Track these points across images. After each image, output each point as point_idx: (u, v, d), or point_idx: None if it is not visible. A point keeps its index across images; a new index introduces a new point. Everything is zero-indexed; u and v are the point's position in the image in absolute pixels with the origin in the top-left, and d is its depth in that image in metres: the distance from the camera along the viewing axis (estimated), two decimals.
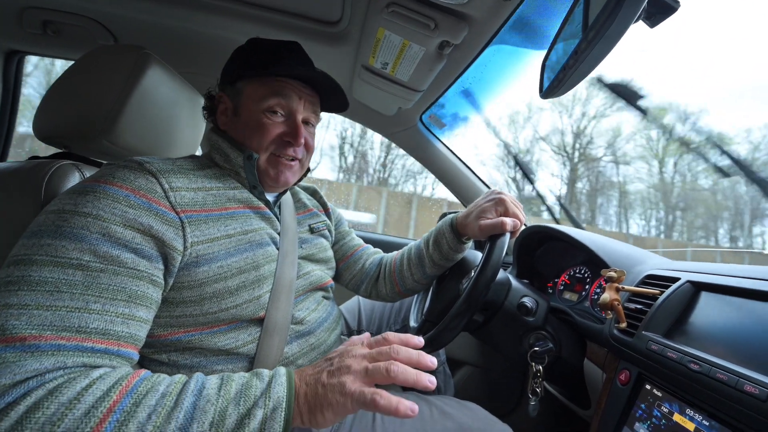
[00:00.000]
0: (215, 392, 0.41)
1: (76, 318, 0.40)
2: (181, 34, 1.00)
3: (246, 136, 0.64)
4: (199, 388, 0.41)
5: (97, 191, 0.47)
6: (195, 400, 0.40)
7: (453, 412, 0.64)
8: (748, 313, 0.52)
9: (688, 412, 0.52)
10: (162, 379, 0.42)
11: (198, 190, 0.56)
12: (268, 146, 0.64)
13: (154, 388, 0.40)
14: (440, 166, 1.35)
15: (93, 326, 0.41)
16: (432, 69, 0.87)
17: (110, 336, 0.42)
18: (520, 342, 0.75)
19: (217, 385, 0.42)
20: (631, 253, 0.84)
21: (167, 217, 0.50)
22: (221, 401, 0.40)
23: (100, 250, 0.44)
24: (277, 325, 0.60)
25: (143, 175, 0.51)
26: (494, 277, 0.63)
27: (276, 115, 0.64)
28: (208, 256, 0.53)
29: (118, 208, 0.46)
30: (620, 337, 0.65)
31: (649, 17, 0.41)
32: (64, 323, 0.40)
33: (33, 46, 1.15)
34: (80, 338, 0.40)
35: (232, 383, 0.43)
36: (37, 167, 0.59)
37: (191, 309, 0.53)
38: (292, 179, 0.68)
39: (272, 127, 0.64)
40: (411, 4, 0.71)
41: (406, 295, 0.89)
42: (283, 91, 0.64)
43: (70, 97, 0.66)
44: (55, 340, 0.39)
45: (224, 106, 0.68)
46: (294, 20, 0.90)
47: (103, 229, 0.44)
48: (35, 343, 0.38)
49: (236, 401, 0.41)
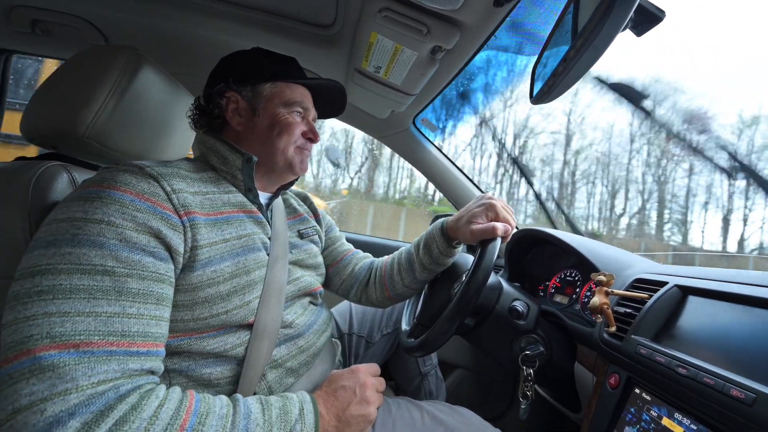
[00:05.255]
0: (261, 416, 0.48)
1: (118, 323, 0.42)
2: (173, 36, 0.99)
3: (269, 135, 0.68)
4: (247, 412, 0.47)
5: (104, 197, 0.47)
6: (246, 423, 0.46)
7: (444, 417, 0.64)
8: (734, 318, 0.53)
9: (677, 416, 0.52)
10: (213, 400, 0.47)
11: (196, 194, 0.56)
12: (296, 140, 0.70)
13: (211, 409, 0.45)
14: (432, 169, 1.35)
15: (134, 330, 0.43)
16: (424, 73, 0.87)
17: (149, 338, 0.45)
18: (511, 345, 0.75)
19: (260, 409, 0.49)
20: (620, 257, 0.85)
21: (171, 220, 0.50)
22: (266, 424, 0.47)
23: (121, 255, 0.45)
24: (267, 329, 0.60)
25: (145, 178, 0.51)
26: (485, 281, 0.63)
27: (298, 114, 0.71)
28: (203, 261, 0.53)
29: (127, 213, 0.47)
30: (610, 341, 0.65)
31: (635, 26, 0.42)
32: (108, 328, 0.41)
33: (21, 45, 1.13)
34: (127, 342, 0.42)
35: (272, 407, 0.50)
36: (23, 168, 0.58)
37: (182, 314, 0.52)
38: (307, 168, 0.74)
39: (297, 125, 0.70)
40: (404, 10, 0.72)
41: (396, 300, 0.89)
42: (303, 94, 0.72)
43: (60, 97, 0.65)
44: (106, 345, 0.40)
45: (235, 106, 0.68)
46: (287, 23, 0.90)
47: (118, 235, 0.45)
48: (89, 350, 0.39)
49: (279, 424, 0.48)
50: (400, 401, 0.68)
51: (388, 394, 0.77)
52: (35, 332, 0.38)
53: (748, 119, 15.51)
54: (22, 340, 0.38)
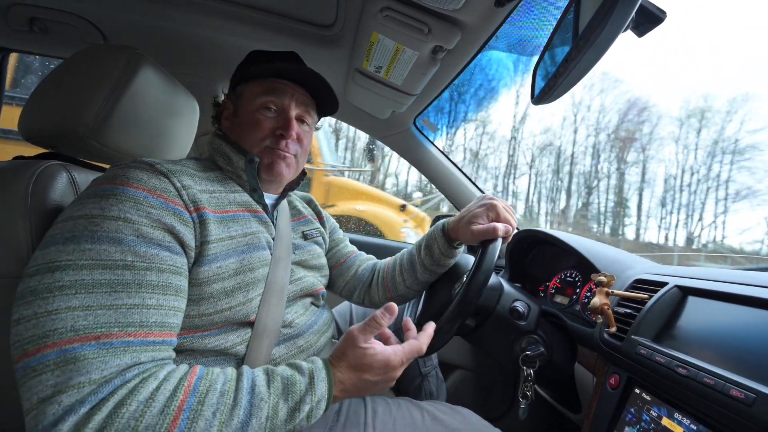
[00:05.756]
0: (266, 389, 0.46)
1: (137, 314, 0.44)
2: (173, 35, 0.99)
3: (242, 135, 0.67)
4: (251, 386, 0.46)
5: (118, 194, 0.48)
6: (250, 397, 0.45)
7: (445, 417, 0.64)
8: (734, 318, 0.53)
9: (677, 416, 0.53)
10: (216, 377, 0.46)
11: (203, 192, 0.57)
12: (262, 140, 0.67)
13: (212, 386, 0.44)
14: (433, 169, 1.35)
15: (152, 320, 0.45)
16: (425, 73, 0.87)
17: (166, 327, 0.47)
18: (511, 346, 0.75)
19: (266, 381, 0.47)
20: (621, 257, 0.85)
21: (183, 216, 0.52)
22: (272, 398, 0.46)
23: (140, 250, 0.46)
24: (267, 328, 0.61)
25: (156, 175, 0.52)
26: (486, 281, 0.63)
27: (270, 111, 0.68)
28: (210, 256, 0.54)
29: (142, 210, 0.48)
30: (610, 341, 0.65)
31: (637, 27, 0.42)
32: (127, 320, 0.43)
33: (19, 44, 1.12)
34: (144, 333, 0.44)
35: (278, 378, 0.48)
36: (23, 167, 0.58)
37: (189, 308, 0.53)
38: (286, 172, 0.69)
39: (265, 122, 0.67)
40: (405, 9, 0.71)
41: (399, 302, 0.88)
42: (276, 89, 0.68)
43: (59, 97, 0.65)
44: (123, 336, 0.42)
45: (228, 111, 0.72)
46: (288, 23, 0.90)
47: (135, 231, 0.47)
48: (108, 341, 0.41)
49: (284, 397, 0.47)
50: (400, 401, 0.68)
51: (389, 394, 0.77)
52: (60, 326, 0.40)
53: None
54: (46, 334, 0.39)
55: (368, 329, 0.53)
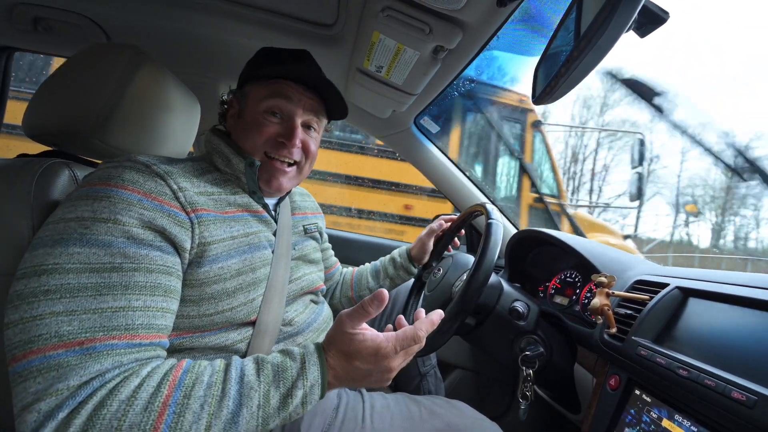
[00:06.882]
0: (255, 378, 0.45)
1: (122, 317, 0.43)
2: (175, 35, 0.99)
3: (244, 137, 0.65)
4: (240, 376, 0.45)
5: (111, 196, 0.47)
6: (239, 387, 0.44)
7: (441, 411, 0.64)
8: (735, 320, 0.53)
9: (677, 417, 0.52)
10: (203, 369, 0.45)
11: (201, 195, 0.57)
12: (262, 146, 0.65)
13: (198, 379, 0.43)
14: (433, 169, 1.35)
15: (138, 322, 0.44)
16: (426, 73, 0.87)
17: (153, 329, 0.46)
18: (511, 346, 0.75)
19: (255, 370, 0.46)
20: (621, 258, 0.85)
21: (178, 218, 0.51)
22: (263, 386, 0.45)
23: (129, 251, 0.45)
24: (269, 327, 0.61)
25: (152, 177, 0.51)
26: (486, 281, 0.63)
27: (275, 116, 0.65)
28: (210, 257, 0.54)
29: (134, 212, 0.47)
30: (610, 342, 0.65)
31: (639, 27, 0.42)
32: (112, 323, 0.42)
33: (23, 42, 1.13)
34: (129, 335, 0.43)
35: (268, 366, 0.47)
36: (26, 165, 0.58)
37: (189, 309, 0.53)
38: (286, 184, 0.68)
39: (268, 128, 0.64)
40: (406, 9, 0.71)
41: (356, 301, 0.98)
42: (283, 92, 0.65)
43: (62, 95, 0.65)
44: (107, 340, 0.42)
45: (234, 110, 0.70)
46: (289, 22, 0.90)
47: (126, 233, 0.46)
48: (92, 346, 0.40)
49: (276, 384, 0.45)
50: (398, 396, 0.68)
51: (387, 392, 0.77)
52: (44, 332, 0.39)
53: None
54: (31, 339, 0.39)
55: (356, 315, 0.49)
